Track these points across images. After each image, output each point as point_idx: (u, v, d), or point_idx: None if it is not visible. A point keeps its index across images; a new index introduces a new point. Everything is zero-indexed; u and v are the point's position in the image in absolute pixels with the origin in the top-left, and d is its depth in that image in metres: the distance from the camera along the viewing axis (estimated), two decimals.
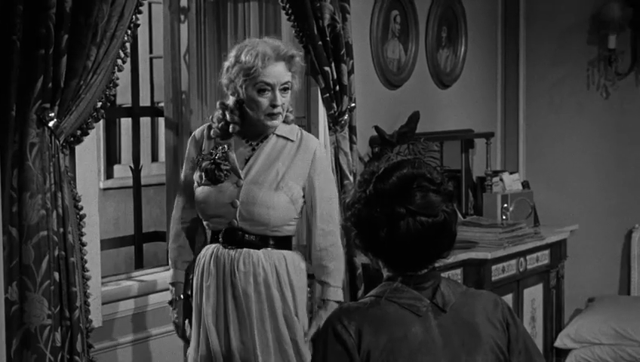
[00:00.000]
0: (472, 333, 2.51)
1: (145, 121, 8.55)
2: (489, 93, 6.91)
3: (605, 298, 6.57)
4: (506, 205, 6.01)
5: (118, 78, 3.63)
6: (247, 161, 3.83)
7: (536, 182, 6.79)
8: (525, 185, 6.59)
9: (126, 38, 3.61)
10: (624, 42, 6.64)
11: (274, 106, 3.74)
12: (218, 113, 3.88)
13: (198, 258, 3.92)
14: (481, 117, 6.76)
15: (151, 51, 9.02)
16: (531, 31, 6.96)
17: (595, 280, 6.81)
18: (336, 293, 3.86)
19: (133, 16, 3.63)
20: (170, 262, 4.07)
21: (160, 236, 5.25)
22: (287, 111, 3.83)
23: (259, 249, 3.79)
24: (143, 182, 4.99)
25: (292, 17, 4.41)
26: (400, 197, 2.46)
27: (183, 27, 4.85)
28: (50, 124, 3.41)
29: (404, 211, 2.45)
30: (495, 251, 5.40)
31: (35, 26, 3.33)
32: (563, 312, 6.37)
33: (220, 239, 3.83)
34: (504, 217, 5.92)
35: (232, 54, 3.80)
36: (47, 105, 3.39)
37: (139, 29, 3.80)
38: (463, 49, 6.49)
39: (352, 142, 4.70)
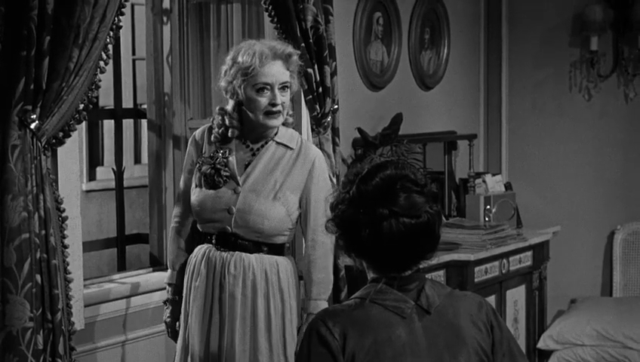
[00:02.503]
0: (456, 335, 2.50)
1: (127, 123, 8.53)
2: (472, 95, 6.92)
3: (588, 299, 6.59)
4: (488, 207, 6.02)
5: (100, 80, 3.62)
6: (246, 166, 3.81)
7: (519, 184, 6.80)
8: (508, 186, 6.60)
9: (108, 40, 3.61)
10: (606, 44, 6.67)
11: (273, 105, 3.72)
12: (218, 119, 3.86)
13: (189, 258, 3.92)
14: (463, 119, 6.77)
15: (134, 53, 9.00)
16: (514, 33, 6.98)
17: (577, 281, 6.83)
18: (317, 306, 3.80)
19: (116, 18, 3.63)
20: (168, 263, 4.07)
21: (143, 238, 5.23)
22: (287, 114, 3.81)
23: (251, 253, 3.78)
24: (125, 184, 4.98)
25: (275, 19, 4.41)
26: (383, 198, 2.45)
27: (166, 29, 4.84)
28: (32, 125, 3.40)
29: (387, 212, 2.44)
30: (478, 253, 5.41)
31: (17, 27, 3.32)
32: (545, 313, 6.39)
33: (213, 241, 3.83)
34: (487, 219, 5.93)
35: (228, 57, 3.79)
36: (29, 107, 3.38)
37: (121, 30, 3.78)
38: (445, 51, 6.50)
39: (335, 144, 4.70)
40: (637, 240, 6.67)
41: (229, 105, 3.82)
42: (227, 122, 3.82)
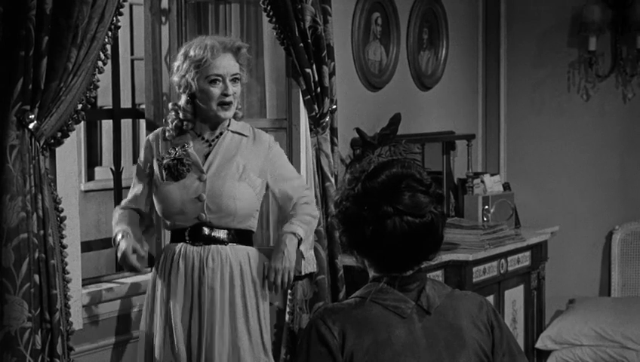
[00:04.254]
0: (456, 336, 2.50)
1: (126, 123, 8.51)
2: (470, 95, 6.92)
3: (586, 299, 6.60)
4: (487, 207, 6.02)
5: (98, 80, 3.63)
6: (205, 156, 3.94)
7: (517, 184, 6.81)
8: (506, 186, 6.60)
9: (107, 40, 3.61)
10: (604, 44, 6.67)
11: (225, 95, 3.88)
12: (171, 114, 4.00)
13: (160, 257, 4.00)
14: (462, 119, 6.77)
15: (132, 53, 8.98)
16: (512, 33, 6.98)
17: (575, 281, 6.84)
18: (294, 229, 3.97)
19: (114, 18, 3.63)
20: (114, 224, 4.03)
21: None
22: (237, 108, 3.97)
23: (226, 245, 3.91)
24: (123, 184, 4.97)
25: (273, 19, 4.41)
26: (388, 196, 2.44)
27: (164, 29, 4.84)
28: (31, 126, 3.40)
29: (391, 210, 2.43)
30: (476, 253, 5.41)
31: (15, 27, 3.32)
32: (544, 313, 6.39)
33: (187, 237, 3.93)
34: (485, 219, 5.93)
35: (180, 52, 3.95)
36: (27, 107, 3.38)
37: (120, 30, 3.79)
38: (444, 51, 6.50)
39: (333, 144, 4.71)
40: (635, 241, 6.68)
41: (182, 100, 3.95)
42: (181, 115, 3.96)
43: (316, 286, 4.58)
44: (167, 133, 4.00)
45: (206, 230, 3.90)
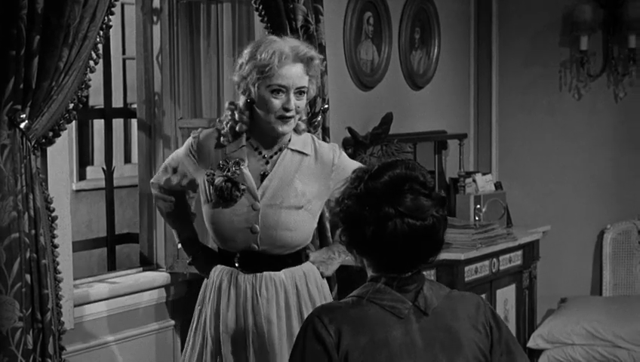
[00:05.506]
0: (454, 338, 2.50)
1: (117, 123, 8.52)
2: (462, 95, 6.93)
3: (577, 298, 6.61)
4: (478, 206, 6.03)
5: (90, 80, 3.61)
6: (261, 176, 3.60)
7: (509, 183, 6.82)
8: (498, 186, 6.62)
9: (98, 39, 3.60)
10: (596, 44, 6.68)
11: (287, 110, 3.50)
12: (227, 114, 3.64)
13: (207, 282, 3.73)
14: (454, 118, 6.78)
15: (124, 52, 8.99)
16: (504, 33, 6.99)
17: (567, 280, 6.85)
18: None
19: (106, 18, 3.62)
20: (171, 225, 3.96)
21: (133, 238, 5.23)
22: (299, 119, 3.60)
23: (279, 270, 3.62)
24: (115, 183, 4.97)
25: (265, 19, 4.40)
26: (390, 197, 2.44)
27: (156, 28, 4.84)
28: (22, 125, 3.39)
29: (392, 211, 2.43)
30: (468, 252, 5.41)
31: (6, 26, 3.31)
32: (536, 313, 6.40)
33: (236, 264, 3.64)
34: (477, 218, 5.94)
35: (246, 50, 3.57)
36: (19, 107, 3.37)
37: (111, 30, 3.78)
38: (435, 50, 6.51)
39: (323, 141, 4.71)
40: (626, 240, 6.70)
41: (240, 102, 3.60)
42: (237, 116, 3.59)
43: None
44: (222, 138, 3.63)
45: (258, 256, 3.60)
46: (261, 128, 3.59)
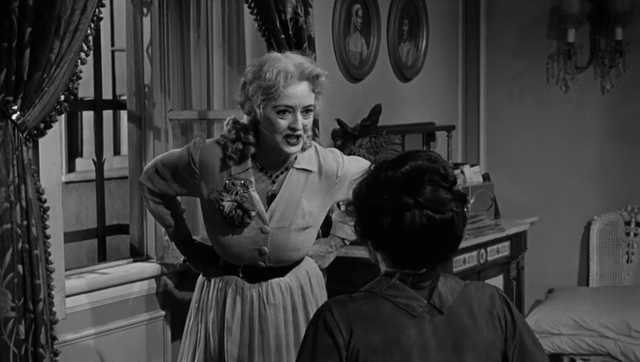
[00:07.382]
0: (467, 336, 2.44)
1: (107, 114, 8.51)
2: (450, 87, 6.96)
3: (565, 289, 6.65)
4: (467, 197, 6.05)
5: (81, 71, 3.63)
6: (268, 197, 3.56)
7: (497, 175, 6.85)
8: (486, 177, 6.64)
9: (89, 32, 3.61)
10: (583, 36, 6.71)
11: (293, 130, 3.42)
12: (231, 134, 3.53)
13: (209, 290, 3.70)
14: (442, 110, 6.80)
15: (113, 44, 8.98)
16: (492, 25, 7.02)
17: (554, 271, 6.89)
18: (340, 243, 3.83)
19: (96, 10, 3.63)
20: (163, 229, 3.94)
21: (123, 229, 5.24)
22: (306, 137, 3.52)
23: (284, 276, 3.63)
24: (105, 175, 4.98)
25: (254, 11, 4.42)
26: (409, 188, 2.36)
27: (146, 20, 4.85)
28: (14, 117, 3.41)
29: (412, 202, 2.35)
30: None
31: None
32: (523, 303, 6.43)
33: (240, 275, 3.64)
34: (465, 209, 5.96)
35: (251, 70, 3.48)
36: (10, 98, 3.39)
37: (101, 22, 3.79)
38: (424, 43, 6.53)
39: (314, 135, 4.72)
40: (613, 231, 6.74)
41: (245, 120, 3.52)
42: (243, 138, 3.50)
43: None
44: (228, 160, 3.52)
45: (264, 269, 3.59)
46: (267, 148, 3.52)
